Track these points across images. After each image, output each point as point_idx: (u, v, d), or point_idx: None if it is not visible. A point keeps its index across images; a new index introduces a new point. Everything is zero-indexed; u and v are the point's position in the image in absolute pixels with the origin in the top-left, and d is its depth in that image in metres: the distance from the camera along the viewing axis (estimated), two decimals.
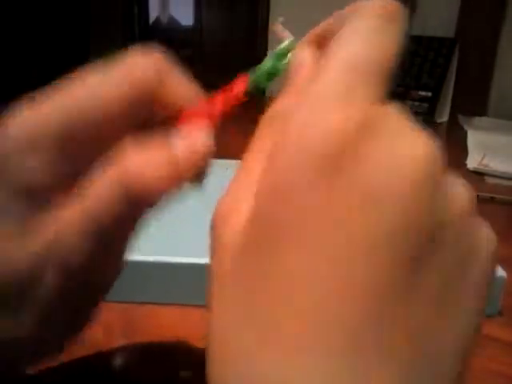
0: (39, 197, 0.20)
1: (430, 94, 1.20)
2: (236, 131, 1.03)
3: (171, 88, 0.21)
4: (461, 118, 1.23)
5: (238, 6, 1.54)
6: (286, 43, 0.20)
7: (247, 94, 0.20)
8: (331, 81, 0.15)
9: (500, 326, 0.41)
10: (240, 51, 1.56)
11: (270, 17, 1.50)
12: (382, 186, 0.13)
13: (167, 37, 1.72)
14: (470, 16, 1.25)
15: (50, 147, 0.19)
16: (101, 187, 0.19)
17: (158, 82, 0.20)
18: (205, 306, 0.16)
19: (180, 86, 0.21)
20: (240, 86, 0.20)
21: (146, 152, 0.19)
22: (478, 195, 0.69)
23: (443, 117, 1.24)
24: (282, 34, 0.21)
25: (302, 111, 0.15)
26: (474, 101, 1.29)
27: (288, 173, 0.14)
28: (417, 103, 1.21)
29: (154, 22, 1.73)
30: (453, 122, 1.22)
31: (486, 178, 0.80)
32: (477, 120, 1.22)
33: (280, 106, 0.18)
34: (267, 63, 0.20)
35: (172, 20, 1.72)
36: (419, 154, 0.14)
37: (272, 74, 0.20)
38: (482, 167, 0.83)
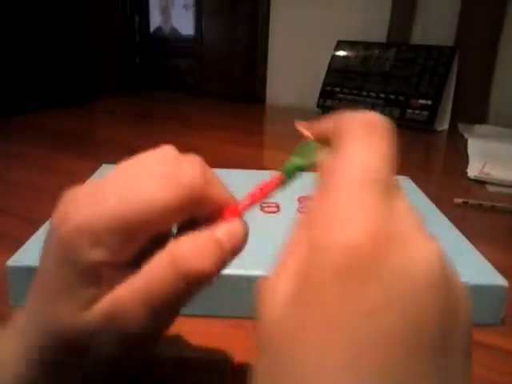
0: (101, 275, 0.23)
1: (430, 102, 1.20)
2: (234, 142, 1.03)
3: (214, 187, 0.25)
4: (461, 126, 1.23)
5: (239, 17, 1.54)
6: (307, 144, 0.24)
7: (281, 183, 0.25)
8: (344, 198, 0.17)
9: (502, 336, 0.41)
10: (240, 61, 1.57)
11: (270, 28, 1.50)
12: (399, 292, 0.15)
13: (167, 46, 1.73)
14: (469, 24, 1.26)
15: (111, 243, 0.22)
16: (158, 268, 0.23)
17: (205, 184, 0.24)
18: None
19: (219, 185, 0.25)
20: (277, 179, 0.25)
21: (196, 239, 0.23)
22: (479, 204, 0.69)
23: (443, 125, 1.24)
24: (304, 134, 0.24)
25: (321, 228, 0.17)
26: (474, 109, 1.29)
27: (315, 285, 0.16)
28: (417, 111, 1.21)
29: (154, 32, 1.74)
30: (453, 130, 1.23)
31: (486, 186, 0.80)
32: (477, 128, 1.22)
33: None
34: (296, 161, 0.24)
35: (172, 30, 1.73)
36: (428, 260, 0.16)
37: (300, 168, 0.25)
38: (482, 175, 0.83)
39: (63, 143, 0.97)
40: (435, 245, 0.17)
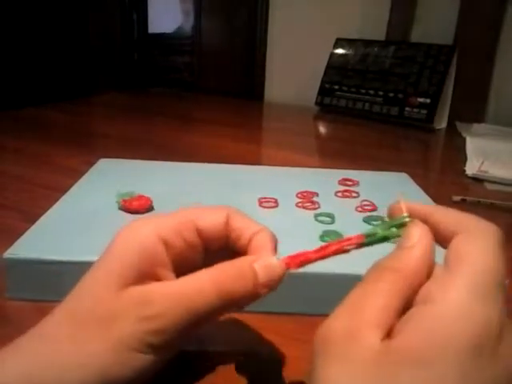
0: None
1: (428, 100, 1.20)
2: (232, 139, 1.03)
3: (237, 222, 0.29)
4: (459, 125, 1.23)
5: (237, 14, 1.54)
6: (402, 219, 0.25)
7: (361, 245, 0.26)
8: (473, 285, 0.20)
9: None
10: (238, 58, 1.57)
11: (269, 25, 1.50)
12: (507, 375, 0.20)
13: (166, 43, 1.72)
14: (468, 23, 1.26)
15: (177, 242, 0.27)
16: (202, 287, 0.25)
17: (229, 217, 0.29)
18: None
19: (243, 221, 0.29)
20: (359, 239, 0.26)
21: (240, 268, 0.26)
22: (478, 201, 0.69)
23: (442, 123, 1.24)
24: (403, 210, 0.26)
25: (449, 301, 0.20)
26: (473, 108, 1.29)
27: (440, 350, 0.19)
28: (416, 110, 1.21)
29: (152, 29, 1.73)
30: (451, 128, 1.23)
31: (485, 183, 0.80)
32: (475, 127, 1.22)
33: (394, 263, 0.23)
34: (381, 232, 0.26)
35: (171, 27, 1.72)
36: None
37: (384, 239, 0.26)
38: (481, 173, 0.83)
39: (61, 138, 0.96)
40: None
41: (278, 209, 0.54)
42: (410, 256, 0.23)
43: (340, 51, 1.37)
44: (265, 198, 0.55)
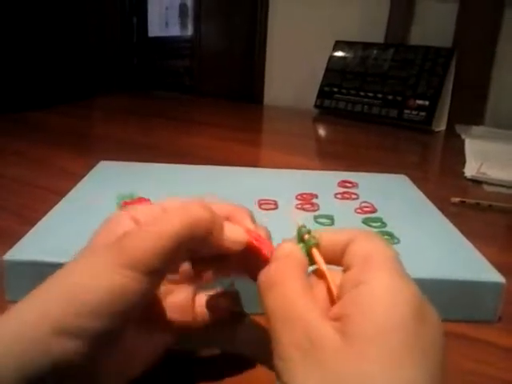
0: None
1: (427, 103, 1.21)
2: (232, 141, 1.03)
3: (220, 230, 0.29)
4: (458, 127, 1.23)
5: (237, 19, 1.54)
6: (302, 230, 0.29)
7: None
8: (388, 268, 0.24)
9: (499, 332, 0.41)
10: (238, 62, 1.57)
11: (268, 28, 1.50)
12: (440, 333, 0.23)
13: (165, 47, 1.72)
14: (467, 26, 1.26)
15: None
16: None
17: (212, 223, 0.29)
18: None
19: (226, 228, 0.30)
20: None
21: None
22: (477, 203, 0.69)
23: (441, 126, 1.24)
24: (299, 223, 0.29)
25: (377, 280, 0.23)
26: (471, 110, 1.29)
27: (398, 320, 0.22)
28: (414, 112, 1.21)
29: (152, 33, 1.74)
30: (450, 130, 1.23)
31: (484, 185, 0.80)
32: (474, 129, 1.23)
33: (288, 262, 0.27)
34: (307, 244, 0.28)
35: (170, 31, 1.72)
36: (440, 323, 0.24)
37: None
38: (479, 175, 0.83)
39: (61, 140, 0.97)
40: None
41: (278, 211, 0.54)
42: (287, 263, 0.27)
43: (339, 54, 1.37)
44: (264, 199, 0.55)
